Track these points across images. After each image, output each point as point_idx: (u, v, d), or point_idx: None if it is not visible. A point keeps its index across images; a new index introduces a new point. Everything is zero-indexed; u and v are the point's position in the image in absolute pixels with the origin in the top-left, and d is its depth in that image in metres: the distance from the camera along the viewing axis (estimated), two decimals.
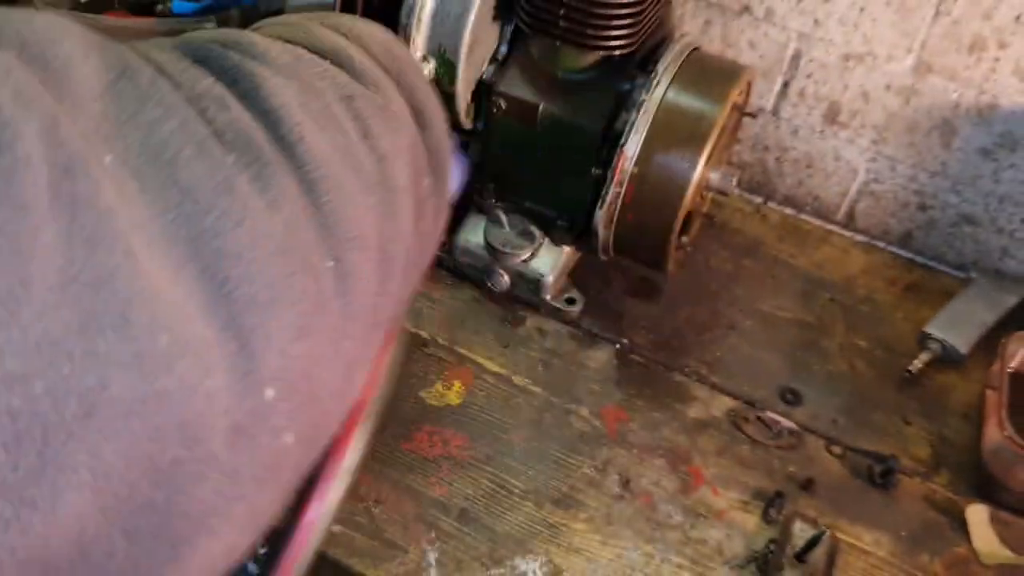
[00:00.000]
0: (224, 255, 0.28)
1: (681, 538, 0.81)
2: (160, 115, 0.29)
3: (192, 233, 0.28)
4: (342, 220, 0.34)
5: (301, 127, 0.34)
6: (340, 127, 0.37)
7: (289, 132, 0.34)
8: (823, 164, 1.17)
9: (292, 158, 0.33)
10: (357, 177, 0.36)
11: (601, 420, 0.90)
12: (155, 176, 0.28)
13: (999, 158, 1.06)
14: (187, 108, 0.30)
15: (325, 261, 0.33)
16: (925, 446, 0.92)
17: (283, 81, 0.35)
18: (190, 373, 0.26)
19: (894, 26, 1.04)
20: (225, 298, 0.28)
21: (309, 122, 0.35)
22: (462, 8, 0.87)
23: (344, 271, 0.34)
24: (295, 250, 0.31)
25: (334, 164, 0.35)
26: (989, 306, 1.04)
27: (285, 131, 0.34)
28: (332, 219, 0.34)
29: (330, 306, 0.33)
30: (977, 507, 0.85)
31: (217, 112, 0.31)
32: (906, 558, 0.81)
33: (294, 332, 0.30)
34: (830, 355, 1.01)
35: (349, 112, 0.38)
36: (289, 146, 0.33)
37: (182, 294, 0.27)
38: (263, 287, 0.29)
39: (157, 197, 0.27)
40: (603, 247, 0.95)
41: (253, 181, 0.31)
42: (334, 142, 0.36)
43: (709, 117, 0.87)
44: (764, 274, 1.10)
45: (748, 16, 1.11)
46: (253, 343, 0.28)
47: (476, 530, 0.79)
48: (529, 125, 0.92)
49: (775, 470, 0.87)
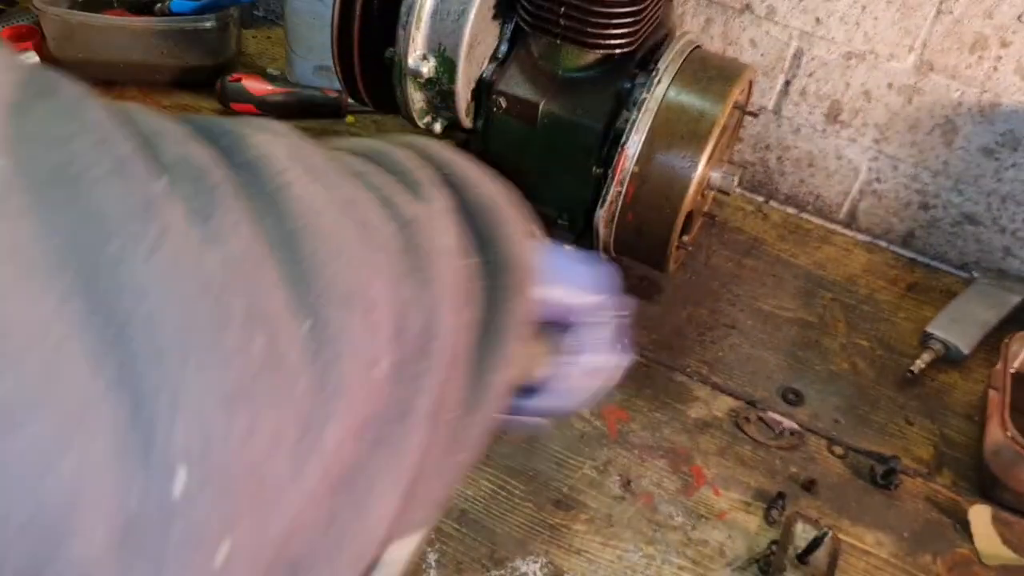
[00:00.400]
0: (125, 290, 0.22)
1: (682, 539, 0.80)
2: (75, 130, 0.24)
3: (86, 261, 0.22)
4: (328, 273, 0.27)
5: (287, 174, 0.28)
6: (345, 184, 0.31)
7: (269, 180, 0.28)
8: (825, 163, 1.16)
9: (269, 209, 0.27)
10: (364, 233, 0.30)
11: (602, 420, 0.90)
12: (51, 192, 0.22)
13: (1001, 157, 1.05)
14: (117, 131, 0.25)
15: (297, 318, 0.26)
16: (927, 446, 0.92)
17: (272, 137, 0.30)
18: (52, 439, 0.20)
19: (896, 24, 1.03)
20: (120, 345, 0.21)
21: (299, 170, 0.29)
22: (462, 6, 0.87)
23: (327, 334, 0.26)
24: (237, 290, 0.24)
25: (328, 214, 0.28)
26: (991, 306, 1.04)
27: (265, 180, 0.28)
28: (314, 273, 0.27)
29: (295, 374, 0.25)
30: (979, 507, 0.84)
31: (170, 146, 0.26)
32: (908, 559, 0.81)
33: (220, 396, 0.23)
34: (832, 355, 1.00)
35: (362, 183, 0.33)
36: (266, 194, 0.27)
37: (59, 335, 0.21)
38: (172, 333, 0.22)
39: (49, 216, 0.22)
40: (604, 246, 0.94)
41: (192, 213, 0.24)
42: (333, 194, 0.30)
43: (710, 116, 0.86)
44: (765, 273, 1.10)
45: (749, 14, 1.10)
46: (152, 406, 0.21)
47: (476, 531, 0.79)
48: (529, 124, 0.92)
49: (776, 470, 0.87)
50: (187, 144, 0.27)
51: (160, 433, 0.21)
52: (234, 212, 0.25)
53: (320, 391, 0.26)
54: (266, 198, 0.27)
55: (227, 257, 0.24)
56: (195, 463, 0.22)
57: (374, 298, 0.29)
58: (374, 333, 0.28)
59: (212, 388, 0.23)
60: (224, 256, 0.24)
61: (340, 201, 0.30)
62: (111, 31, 1.21)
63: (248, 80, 1.19)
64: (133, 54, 1.21)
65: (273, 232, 0.26)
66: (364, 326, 0.28)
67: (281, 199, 0.27)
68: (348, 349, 0.27)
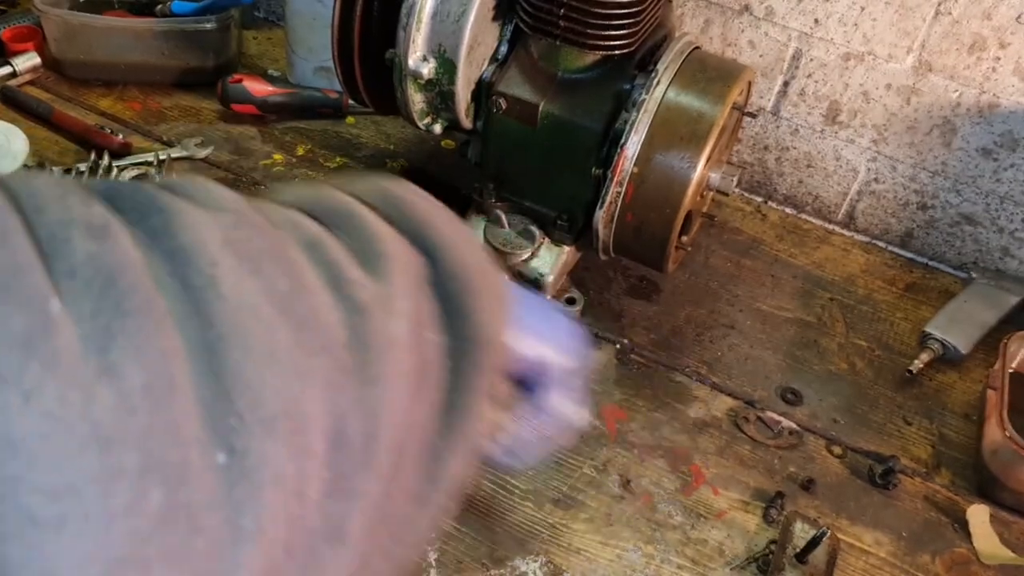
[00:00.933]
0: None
1: (681, 538, 0.81)
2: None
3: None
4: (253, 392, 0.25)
5: (215, 268, 0.26)
6: (290, 272, 0.28)
7: (196, 273, 0.25)
8: (823, 164, 1.17)
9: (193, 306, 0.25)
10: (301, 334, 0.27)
11: (601, 420, 0.90)
12: None
13: (999, 158, 1.06)
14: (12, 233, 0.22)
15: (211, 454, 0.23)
16: (925, 446, 0.92)
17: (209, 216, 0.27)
18: None
19: (894, 26, 1.03)
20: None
21: (233, 261, 0.26)
22: (462, 8, 0.87)
23: (245, 468, 0.24)
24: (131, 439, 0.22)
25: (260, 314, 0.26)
26: (989, 306, 1.04)
27: (191, 272, 0.25)
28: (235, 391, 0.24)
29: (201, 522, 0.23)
30: (978, 507, 0.85)
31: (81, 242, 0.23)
32: (907, 558, 0.81)
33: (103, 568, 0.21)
34: (830, 355, 1.01)
35: (313, 259, 0.30)
36: (192, 290, 0.25)
37: None
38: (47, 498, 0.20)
39: None
40: (603, 247, 0.95)
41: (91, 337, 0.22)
42: (269, 288, 0.27)
43: (709, 117, 0.87)
44: (764, 274, 1.10)
45: (748, 15, 1.11)
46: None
47: (476, 530, 0.79)
48: (529, 125, 0.92)
49: (775, 470, 0.87)
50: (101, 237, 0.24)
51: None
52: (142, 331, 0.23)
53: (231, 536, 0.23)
54: (191, 296, 0.25)
55: (124, 393, 0.22)
56: None
57: (305, 414, 0.26)
58: (303, 457, 0.26)
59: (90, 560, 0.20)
60: (119, 393, 0.22)
61: (278, 296, 0.27)
62: (112, 32, 1.21)
63: (249, 81, 1.19)
64: (134, 55, 1.22)
65: (195, 339, 0.24)
66: (290, 451, 0.25)
67: (207, 299, 0.25)
68: (270, 479, 0.24)
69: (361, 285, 0.30)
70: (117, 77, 1.23)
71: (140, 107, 1.22)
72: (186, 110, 1.23)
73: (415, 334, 0.32)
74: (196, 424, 0.23)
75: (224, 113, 1.21)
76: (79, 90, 1.22)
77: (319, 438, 0.27)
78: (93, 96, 1.22)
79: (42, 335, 0.21)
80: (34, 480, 0.20)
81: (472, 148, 1.01)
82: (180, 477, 0.22)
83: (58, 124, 1.15)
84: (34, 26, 1.26)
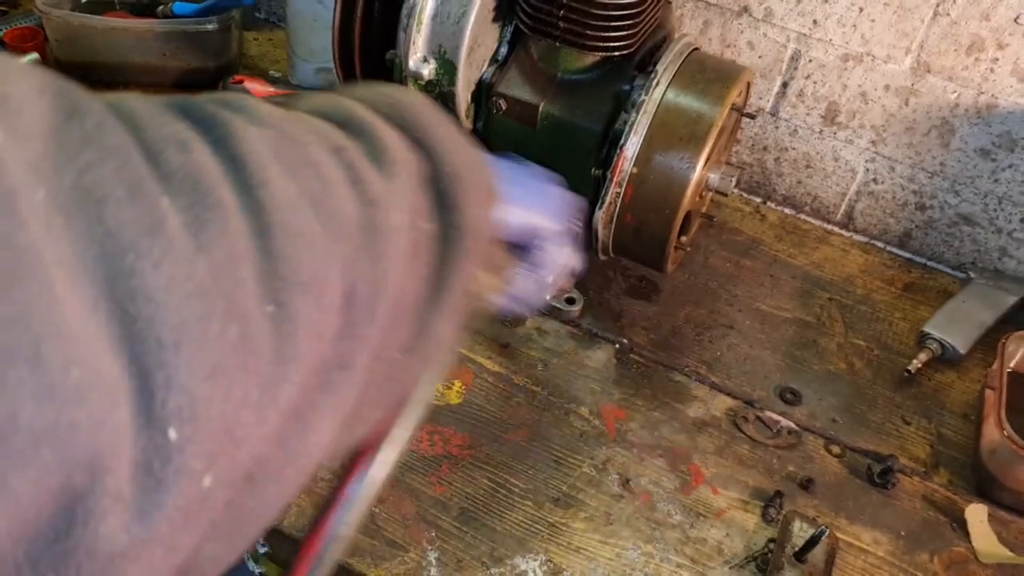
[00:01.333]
0: (137, 296, 0.29)
1: (680, 537, 0.81)
2: (97, 157, 0.30)
3: (110, 272, 0.29)
4: (293, 265, 0.34)
5: (266, 172, 0.35)
6: (320, 175, 0.37)
7: (251, 176, 0.34)
8: (822, 164, 1.17)
9: (252, 202, 0.34)
10: (328, 223, 0.36)
11: (601, 419, 0.90)
12: (83, 215, 0.29)
13: (998, 158, 1.06)
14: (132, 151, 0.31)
15: (263, 306, 0.33)
16: (924, 445, 0.92)
17: (259, 131, 0.36)
18: (99, 407, 0.27)
19: (893, 27, 1.04)
20: (132, 337, 0.29)
21: (278, 168, 0.35)
22: (462, 9, 0.88)
23: (285, 315, 0.34)
24: (218, 293, 0.31)
25: (299, 210, 0.35)
26: (988, 306, 1.05)
27: (248, 175, 0.34)
28: (281, 263, 0.34)
29: (260, 350, 0.33)
30: (976, 506, 0.85)
31: (174, 154, 0.32)
32: (905, 557, 0.82)
33: (204, 373, 0.30)
34: (829, 355, 1.01)
35: (337, 161, 0.39)
36: (250, 189, 0.34)
37: (94, 331, 0.28)
38: (169, 329, 0.29)
39: (82, 235, 0.29)
40: (603, 247, 0.95)
41: (189, 224, 0.31)
42: (305, 188, 0.36)
43: (708, 117, 0.87)
44: (763, 274, 1.10)
45: (747, 17, 1.11)
46: (152, 382, 0.29)
47: (476, 529, 0.79)
48: (529, 125, 0.92)
49: (774, 469, 0.88)
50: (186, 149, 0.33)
51: (157, 401, 0.29)
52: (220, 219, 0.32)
53: (278, 360, 0.33)
54: (250, 193, 0.34)
55: (213, 263, 0.31)
56: (184, 423, 0.29)
57: (328, 279, 0.36)
58: (325, 310, 0.36)
59: (196, 367, 0.30)
60: (211, 263, 0.31)
61: (311, 193, 0.36)
62: (113, 33, 1.21)
63: (250, 82, 1.20)
64: (135, 56, 1.22)
65: (254, 225, 0.33)
66: (317, 306, 0.35)
67: (261, 196, 0.34)
68: (303, 324, 0.34)
69: (372, 183, 0.39)
70: (118, 78, 1.24)
71: None
72: None
73: (412, 223, 0.41)
74: (255, 284, 0.33)
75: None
76: None
77: (337, 297, 0.36)
78: None
79: (160, 224, 0.30)
80: (162, 318, 0.29)
81: None
82: (247, 318, 0.32)
83: None
84: (36, 27, 1.27)
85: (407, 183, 0.42)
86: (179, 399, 0.29)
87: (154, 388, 0.29)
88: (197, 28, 1.22)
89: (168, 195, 0.31)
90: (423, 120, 0.45)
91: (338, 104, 0.44)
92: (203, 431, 0.30)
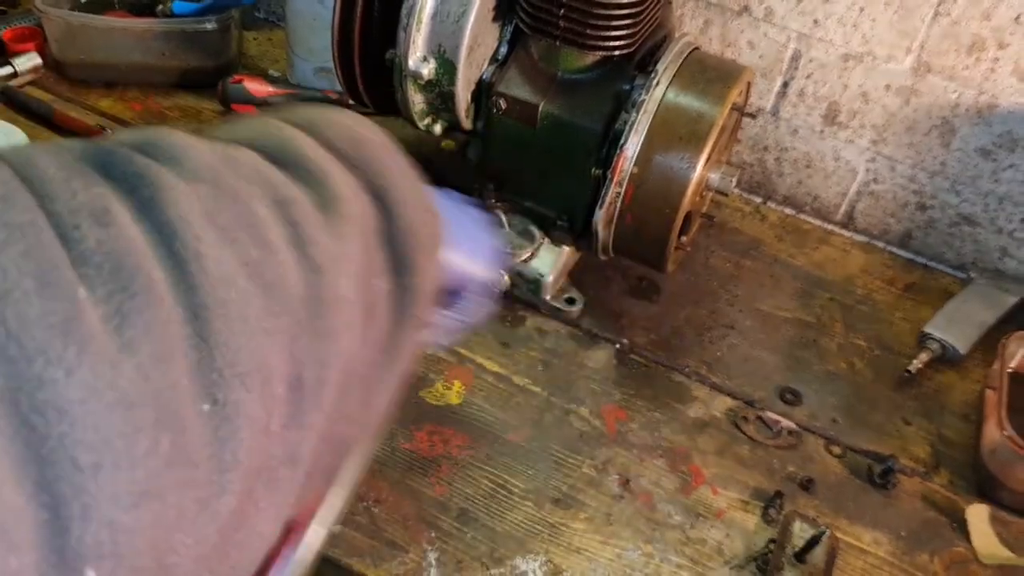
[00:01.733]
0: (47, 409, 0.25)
1: (681, 538, 0.81)
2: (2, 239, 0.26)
3: (13, 383, 0.24)
4: (231, 353, 0.30)
5: (199, 242, 0.30)
6: (260, 238, 0.33)
7: (183, 247, 0.30)
8: (822, 164, 1.17)
9: (184, 278, 0.30)
10: (269, 297, 0.32)
11: (601, 420, 0.90)
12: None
13: (998, 158, 1.06)
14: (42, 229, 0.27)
15: (199, 404, 0.29)
16: (924, 446, 0.92)
17: (190, 188, 0.32)
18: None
19: (893, 26, 1.04)
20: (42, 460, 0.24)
21: (213, 234, 0.31)
22: (462, 8, 0.87)
23: (224, 414, 0.30)
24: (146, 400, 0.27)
25: (236, 284, 0.31)
26: (988, 306, 1.05)
27: (179, 247, 0.30)
28: (218, 352, 0.30)
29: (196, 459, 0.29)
30: (977, 507, 0.85)
31: (90, 229, 0.28)
32: (905, 558, 0.81)
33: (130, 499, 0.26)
34: (829, 355, 1.01)
35: (281, 218, 0.35)
36: (182, 264, 0.30)
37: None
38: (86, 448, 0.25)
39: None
40: (603, 247, 0.95)
41: (110, 317, 0.27)
42: (243, 257, 0.32)
43: (708, 117, 0.87)
44: (763, 274, 1.10)
45: (747, 16, 1.11)
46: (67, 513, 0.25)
47: (476, 530, 0.79)
48: (529, 125, 0.92)
49: (775, 470, 0.87)
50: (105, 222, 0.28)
51: (73, 537, 0.25)
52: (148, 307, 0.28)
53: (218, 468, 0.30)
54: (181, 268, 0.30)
55: (140, 365, 0.27)
56: (104, 559, 0.25)
57: (270, 367, 0.32)
58: (268, 401, 0.32)
59: (121, 492, 0.26)
60: (137, 365, 0.27)
61: (251, 264, 0.32)
62: (113, 33, 1.21)
63: (249, 82, 1.20)
64: (134, 55, 1.22)
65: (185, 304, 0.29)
66: (259, 399, 0.31)
67: (193, 271, 0.30)
68: (245, 423, 0.30)
69: (318, 244, 0.35)
70: (118, 78, 1.24)
71: (141, 108, 1.22)
72: (186, 111, 1.23)
73: (363, 286, 0.38)
74: (189, 381, 0.29)
75: (224, 114, 1.21)
76: (80, 91, 1.22)
77: (281, 385, 0.33)
78: (94, 97, 1.22)
79: (76, 321, 0.26)
80: (76, 436, 0.25)
81: (472, 148, 1.01)
82: (180, 425, 0.28)
83: (59, 125, 1.15)
84: (35, 27, 1.26)
85: (359, 241, 0.38)
86: (99, 532, 0.25)
87: (68, 521, 0.25)
88: (196, 27, 1.22)
89: (85, 283, 0.27)
90: (381, 164, 0.42)
91: (289, 141, 0.39)
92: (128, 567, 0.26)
